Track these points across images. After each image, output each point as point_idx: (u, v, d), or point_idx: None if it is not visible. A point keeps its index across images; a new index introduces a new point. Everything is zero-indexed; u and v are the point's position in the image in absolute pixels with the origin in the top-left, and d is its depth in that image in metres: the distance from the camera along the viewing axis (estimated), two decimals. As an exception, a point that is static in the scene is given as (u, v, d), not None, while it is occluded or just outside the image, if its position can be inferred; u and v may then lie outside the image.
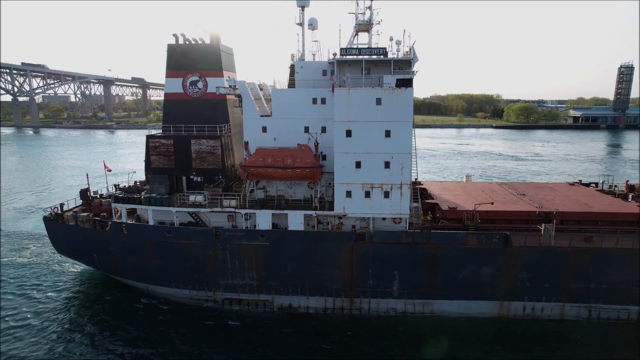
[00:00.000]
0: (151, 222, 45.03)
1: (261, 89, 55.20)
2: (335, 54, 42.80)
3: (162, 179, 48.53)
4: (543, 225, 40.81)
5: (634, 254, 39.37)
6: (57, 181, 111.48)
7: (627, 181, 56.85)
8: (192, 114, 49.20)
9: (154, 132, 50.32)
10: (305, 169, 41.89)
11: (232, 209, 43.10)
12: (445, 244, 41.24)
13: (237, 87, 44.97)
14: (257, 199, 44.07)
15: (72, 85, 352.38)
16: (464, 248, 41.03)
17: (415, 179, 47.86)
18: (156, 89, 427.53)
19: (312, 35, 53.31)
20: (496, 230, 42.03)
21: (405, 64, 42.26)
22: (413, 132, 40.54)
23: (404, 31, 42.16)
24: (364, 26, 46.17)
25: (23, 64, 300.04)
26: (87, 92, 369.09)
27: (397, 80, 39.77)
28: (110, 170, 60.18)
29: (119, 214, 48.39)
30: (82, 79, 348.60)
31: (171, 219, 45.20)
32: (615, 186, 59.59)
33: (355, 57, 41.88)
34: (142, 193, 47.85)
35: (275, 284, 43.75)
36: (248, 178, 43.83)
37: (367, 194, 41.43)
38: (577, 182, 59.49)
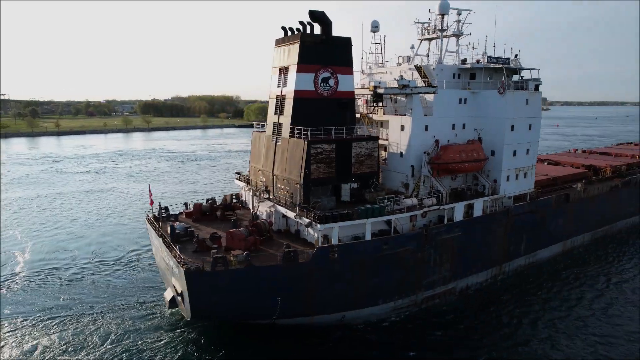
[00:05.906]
0: (368, 237, 39.88)
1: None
2: (478, 60, 49.51)
3: (326, 190, 42.95)
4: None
5: None
6: None
7: None
8: (321, 114, 44.93)
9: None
10: (484, 161, 47.45)
11: (437, 206, 43.90)
12: (546, 207, 55.44)
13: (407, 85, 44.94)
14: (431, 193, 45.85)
15: None
16: (552, 207, 56.48)
17: None
18: None
19: (373, 37, 56.63)
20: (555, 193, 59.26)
21: (514, 72, 53.25)
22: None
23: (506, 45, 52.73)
24: (453, 36, 53.78)
25: None
26: None
27: (535, 85, 50.63)
28: (152, 203, 45.02)
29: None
30: None
31: (350, 233, 40.12)
32: None
33: (494, 65, 49.84)
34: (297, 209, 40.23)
35: (460, 270, 47.37)
36: (438, 175, 45.37)
37: (517, 177, 50.87)
38: None
